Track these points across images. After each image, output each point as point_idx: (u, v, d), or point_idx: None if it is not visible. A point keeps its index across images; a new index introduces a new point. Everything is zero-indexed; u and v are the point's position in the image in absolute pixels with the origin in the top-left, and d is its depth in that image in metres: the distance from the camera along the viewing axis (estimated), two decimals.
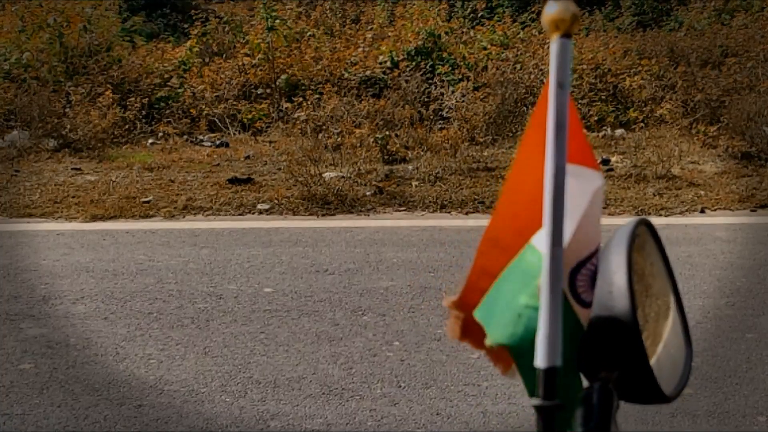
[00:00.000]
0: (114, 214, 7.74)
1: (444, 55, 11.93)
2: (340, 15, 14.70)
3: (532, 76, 10.91)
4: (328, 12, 14.62)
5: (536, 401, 1.01)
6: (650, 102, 11.05)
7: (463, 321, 1.25)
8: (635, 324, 1.09)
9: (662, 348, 1.24)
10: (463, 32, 12.85)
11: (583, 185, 1.11)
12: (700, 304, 5.45)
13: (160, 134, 10.76)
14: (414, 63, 11.73)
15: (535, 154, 1.13)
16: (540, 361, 0.99)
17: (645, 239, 1.26)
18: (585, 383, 1.13)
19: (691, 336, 1.28)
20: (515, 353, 1.11)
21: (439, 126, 10.42)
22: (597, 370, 1.12)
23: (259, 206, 7.98)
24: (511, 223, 1.20)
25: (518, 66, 11.28)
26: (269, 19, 11.99)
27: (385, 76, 11.59)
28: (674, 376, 1.22)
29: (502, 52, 11.88)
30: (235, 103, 11.40)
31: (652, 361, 1.16)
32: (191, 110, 11.28)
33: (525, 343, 1.08)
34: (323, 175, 8.56)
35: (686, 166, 9.19)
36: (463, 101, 10.59)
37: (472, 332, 1.24)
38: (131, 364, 4.69)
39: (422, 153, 9.56)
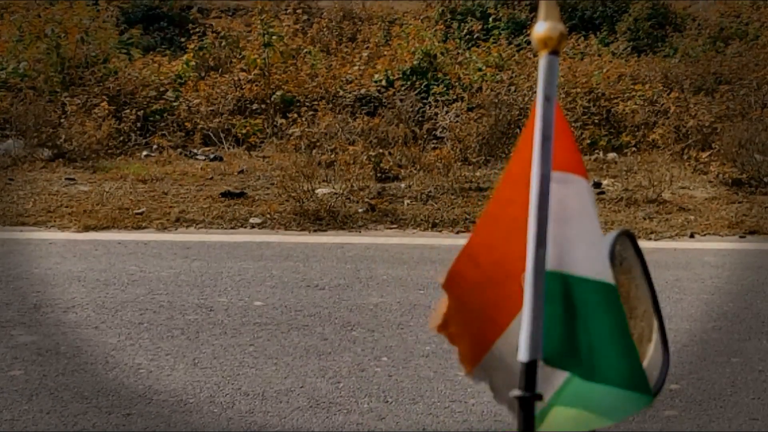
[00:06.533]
0: (107, 225, 7.77)
1: (439, 76, 11.99)
2: (336, 33, 14.76)
3: (526, 98, 10.96)
4: (324, 30, 14.68)
5: (517, 392, 1.05)
6: (643, 127, 11.11)
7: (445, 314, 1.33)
8: None
9: (645, 367, 1.28)
10: (458, 53, 12.91)
11: (571, 190, 1.15)
12: (687, 328, 5.50)
13: (155, 147, 10.79)
14: (409, 82, 11.78)
15: (522, 178, 1.13)
16: (522, 355, 1.03)
17: (631, 263, 1.30)
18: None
19: (668, 340, 1.32)
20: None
21: (433, 145, 10.46)
22: None
23: (251, 220, 8.01)
24: (489, 250, 1.26)
25: (512, 88, 11.34)
26: (266, 36, 12.05)
27: (380, 95, 11.64)
28: (651, 378, 1.26)
29: (497, 74, 11.94)
30: (229, 117, 11.43)
31: None
32: (186, 124, 11.30)
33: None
34: (316, 191, 8.60)
35: (677, 191, 9.25)
36: (457, 121, 10.65)
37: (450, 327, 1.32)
38: (121, 374, 4.71)
39: (415, 171, 9.60)
